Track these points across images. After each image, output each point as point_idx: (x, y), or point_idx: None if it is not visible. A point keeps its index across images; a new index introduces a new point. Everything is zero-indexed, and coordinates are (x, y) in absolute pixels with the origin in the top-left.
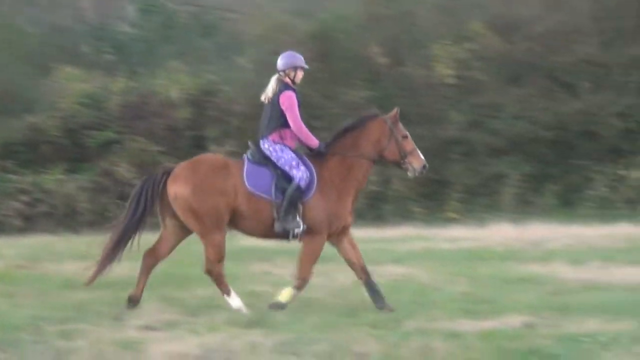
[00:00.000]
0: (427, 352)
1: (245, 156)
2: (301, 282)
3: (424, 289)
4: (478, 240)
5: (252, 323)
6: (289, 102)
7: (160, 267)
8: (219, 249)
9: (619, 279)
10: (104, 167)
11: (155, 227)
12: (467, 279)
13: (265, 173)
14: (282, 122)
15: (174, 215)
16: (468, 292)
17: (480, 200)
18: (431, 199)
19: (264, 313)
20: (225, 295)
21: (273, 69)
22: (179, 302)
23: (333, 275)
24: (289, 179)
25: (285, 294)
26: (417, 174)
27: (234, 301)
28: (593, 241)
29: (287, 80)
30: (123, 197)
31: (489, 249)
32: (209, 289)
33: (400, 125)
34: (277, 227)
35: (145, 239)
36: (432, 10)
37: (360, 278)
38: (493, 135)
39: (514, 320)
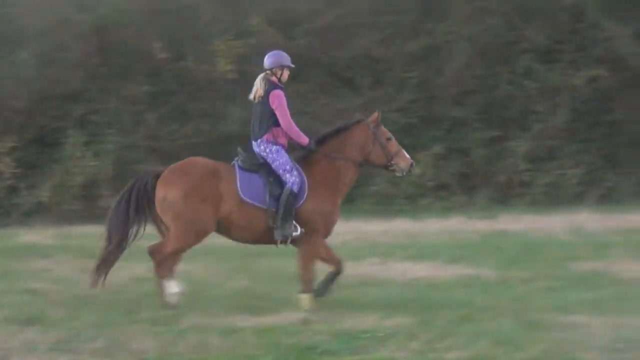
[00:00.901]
0: (203, 348)
1: (235, 163)
2: (307, 286)
3: (203, 285)
4: None
5: (29, 321)
6: (279, 101)
7: None
8: (181, 251)
9: (398, 274)
10: None
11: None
12: (246, 275)
13: (258, 181)
14: (274, 121)
15: None
16: (246, 288)
17: None
18: None
19: (42, 310)
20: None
21: (55, 63)
22: None
23: (112, 271)
24: (281, 184)
25: (304, 302)
26: (404, 174)
27: (171, 287)
28: (372, 237)
29: (274, 79)
30: None
31: (268, 245)
32: None
33: (383, 128)
34: (277, 235)
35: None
36: (213, 5)
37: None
38: None
39: (292, 317)
